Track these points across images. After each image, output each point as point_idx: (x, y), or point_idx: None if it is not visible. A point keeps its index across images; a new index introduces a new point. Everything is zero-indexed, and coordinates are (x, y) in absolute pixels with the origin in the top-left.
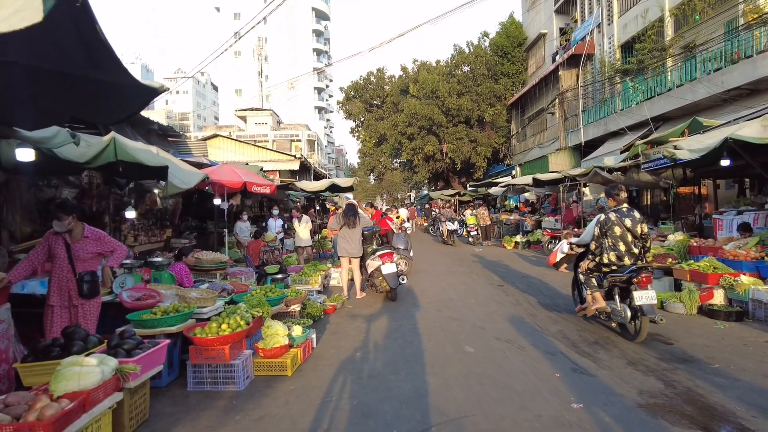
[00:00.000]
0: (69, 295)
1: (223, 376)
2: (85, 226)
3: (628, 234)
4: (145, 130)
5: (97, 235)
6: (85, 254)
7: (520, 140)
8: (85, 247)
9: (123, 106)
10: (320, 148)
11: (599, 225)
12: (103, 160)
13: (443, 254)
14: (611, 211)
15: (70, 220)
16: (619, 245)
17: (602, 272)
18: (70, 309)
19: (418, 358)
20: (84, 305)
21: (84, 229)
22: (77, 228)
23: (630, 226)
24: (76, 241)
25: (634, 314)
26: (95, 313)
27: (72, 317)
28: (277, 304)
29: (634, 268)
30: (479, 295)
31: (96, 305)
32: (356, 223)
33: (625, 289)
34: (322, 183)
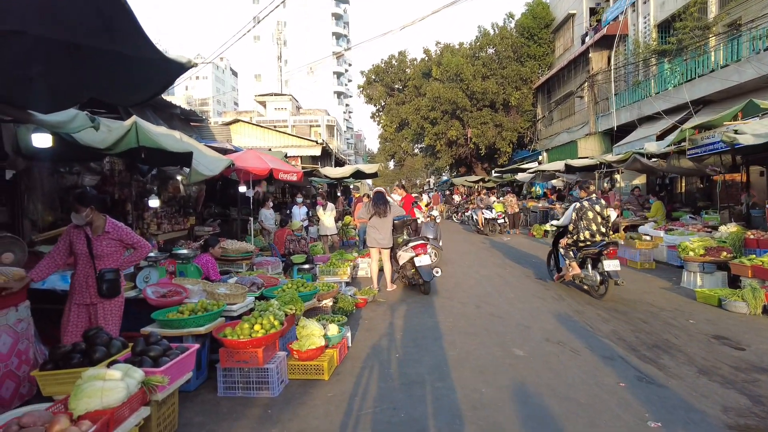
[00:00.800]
0: (89, 293)
1: (256, 381)
2: (107, 219)
3: (598, 217)
4: (168, 115)
5: (118, 230)
6: (107, 250)
7: (546, 125)
8: (108, 242)
9: (146, 84)
10: (339, 133)
11: (576, 211)
12: (125, 145)
13: (471, 243)
14: (584, 200)
15: (88, 212)
16: (591, 226)
17: (578, 247)
18: (89, 308)
19: (464, 361)
20: (105, 305)
21: (106, 223)
22: (98, 220)
23: (599, 211)
24: (98, 235)
25: (602, 279)
26: (117, 313)
27: (92, 317)
28: (309, 299)
29: (604, 243)
30: (517, 289)
31: (118, 305)
32: (387, 212)
33: (596, 260)
34: (346, 169)
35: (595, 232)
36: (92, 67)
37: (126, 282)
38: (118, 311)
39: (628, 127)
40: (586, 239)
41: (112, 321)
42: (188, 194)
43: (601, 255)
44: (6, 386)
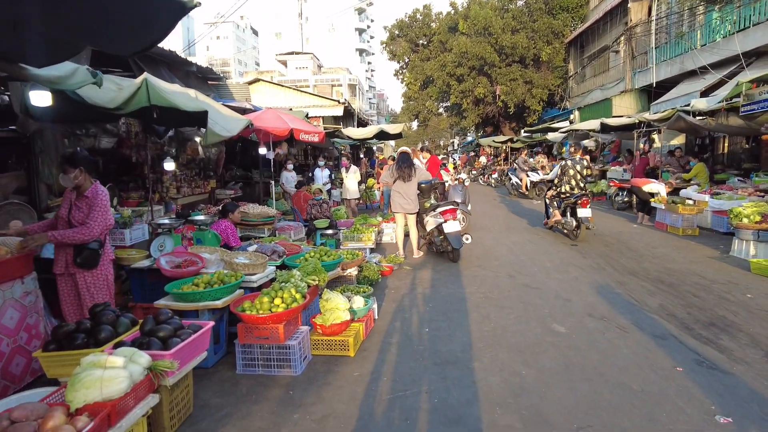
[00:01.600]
0: (67, 261)
1: (278, 358)
2: (95, 184)
3: (577, 174)
4: (184, 73)
5: (95, 198)
6: (79, 216)
7: (578, 82)
8: (82, 207)
9: (145, 28)
10: (361, 93)
11: (561, 168)
12: (136, 104)
13: (499, 207)
14: (568, 159)
15: (77, 174)
16: (571, 181)
17: (560, 198)
18: (72, 279)
19: (500, 338)
20: (85, 276)
21: (90, 187)
22: (86, 184)
23: (579, 170)
24: (78, 199)
25: (577, 224)
26: (101, 285)
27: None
28: (333, 268)
29: (579, 195)
30: (553, 257)
31: (100, 277)
32: (412, 176)
33: (573, 209)
34: (369, 130)
35: (574, 186)
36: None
37: (138, 251)
38: (102, 284)
39: (667, 83)
40: (567, 191)
41: (96, 293)
42: (207, 156)
43: (576, 204)
44: (16, 362)
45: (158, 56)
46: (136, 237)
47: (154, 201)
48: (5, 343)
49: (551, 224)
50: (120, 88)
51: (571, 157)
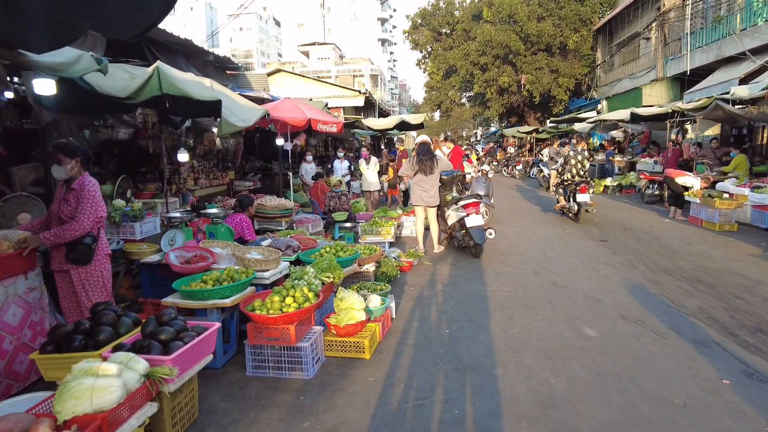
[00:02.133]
0: (60, 258)
1: (288, 360)
2: (83, 175)
3: (578, 164)
4: (201, 62)
5: (82, 190)
6: (67, 209)
7: (606, 70)
8: (70, 201)
9: (143, 8)
10: (383, 83)
11: (564, 158)
12: (147, 93)
13: (523, 199)
14: (571, 150)
15: (73, 165)
16: (572, 170)
17: (564, 185)
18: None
19: (525, 342)
20: (78, 272)
21: (78, 179)
22: (77, 175)
23: (580, 159)
24: (67, 191)
25: (578, 208)
26: (95, 283)
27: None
28: (349, 264)
29: (579, 182)
30: (581, 254)
31: (95, 274)
32: (433, 168)
33: (574, 194)
34: (390, 120)
35: (575, 174)
36: None
37: (149, 245)
38: (97, 280)
39: (701, 71)
40: (569, 179)
41: (91, 290)
42: (226, 148)
43: (576, 190)
44: (20, 360)
45: (174, 45)
46: (147, 230)
47: (170, 193)
48: (8, 340)
49: (558, 209)
50: (132, 77)
51: (573, 148)
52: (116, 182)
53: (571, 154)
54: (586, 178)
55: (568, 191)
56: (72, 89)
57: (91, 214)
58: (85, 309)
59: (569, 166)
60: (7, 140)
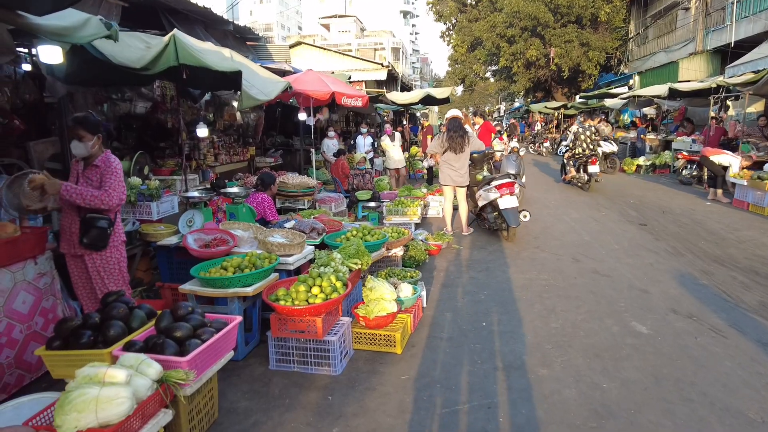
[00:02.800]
0: (73, 242)
1: (315, 354)
2: (106, 152)
3: (588, 139)
4: (221, 32)
5: (107, 166)
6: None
7: (639, 44)
8: (90, 178)
9: None
10: (405, 56)
11: (574, 134)
12: (163, 64)
13: (553, 179)
14: (580, 127)
15: (95, 142)
16: (582, 144)
17: (575, 158)
18: (81, 260)
19: (570, 338)
20: (93, 258)
21: (100, 156)
22: (97, 153)
23: (588, 135)
24: (87, 168)
25: (588, 178)
26: (112, 269)
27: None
28: (377, 249)
29: (589, 155)
30: (621, 238)
31: (111, 261)
32: (464, 146)
33: (584, 166)
34: (414, 94)
35: (585, 148)
36: None
37: (167, 226)
38: (113, 268)
39: (745, 43)
40: (580, 153)
41: (107, 278)
42: (246, 122)
43: (587, 163)
44: (31, 349)
45: (193, 14)
46: (164, 210)
47: (190, 169)
48: (18, 329)
49: (568, 179)
50: (148, 47)
51: (582, 125)
52: (133, 158)
53: (580, 131)
54: (595, 152)
55: (578, 163)
56: (86, 60)
57: (118, 190)
58: (101, 296)
59: (579, 142)
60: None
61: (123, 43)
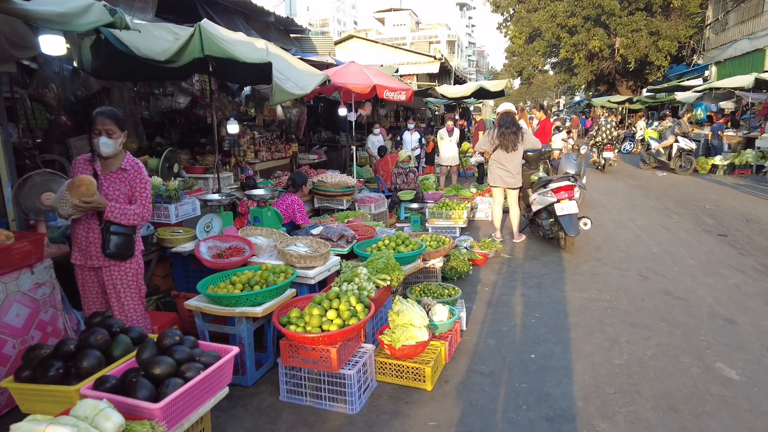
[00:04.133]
0: (90, 252)
1: (330, 388)
2: (127, 153)
3: (607, 130)
4: (263, 24)
5: (138, 171)
6: (117, 193)
7: (717, 31)
8: (117, 182)
9: None
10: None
11: (597, 125)
12: (189, 56)
13: (616, 179)
14: (602, 119)
15: (123, 138)
16: (602, 134)
17: (597, 145)
18: (97, 272)
19: (638, 381)
20: (111, 269)
21: (125, 158)
22: (119, 154)
23: (608, 127)
24: (110, 172)
25: (604, 162)
26: (131, 282)
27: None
28: (411, 261)
29: (605, 143)
30: (697, 252)
31: (132, 271)
32: (517, 144)
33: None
34: (466, 87)
35: (604, 137)
36: None
37: (186, 230)
38: (131, 280)
39: None
40: (599, 141)
41: (123, 291)
42: (288, 118)
43: (604, 149)
44: None
45: (232, 4)
46: (184, 213)
47: (230, 166)
48: (10, 344)
49: (592, 162)
50: (177, 38)
51: (607, 119)
52: (162, 155)
53: (602, 123)
54: (612, 141)
55: (600, 149)
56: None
57: (150, 201)
58: (116, 311)
59: (601, 132)
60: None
61: (149, 35)
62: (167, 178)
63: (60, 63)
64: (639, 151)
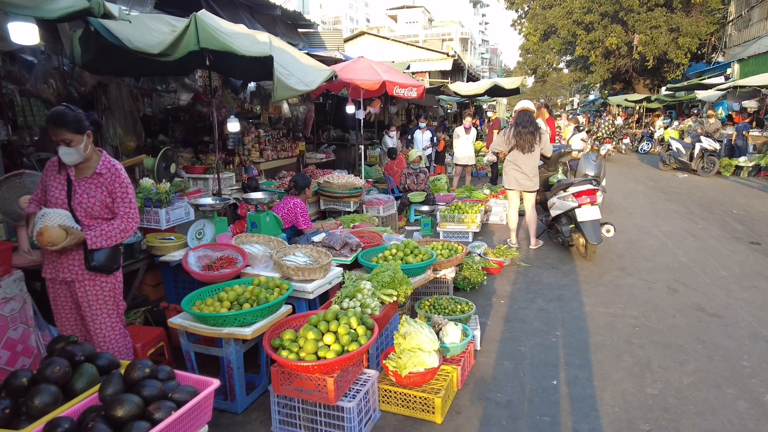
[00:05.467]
0: (63, 265)
1: (326, 421)
2: (103, 154)
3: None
4: (269, 18)
5: (114, 175)
6: (92, 201)
7: (740, 28)
8: (92, 189)
9: None
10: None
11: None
12: (184, 49)
13: (637, 180)
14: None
15: (86, 143)
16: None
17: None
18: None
19: (676, 416)
20: (85, 285)
21: (101, 160)
22: (92, 156)
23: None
24: (84, 177)
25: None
26: (107, 297)
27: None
28: (420, 273)
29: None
30: (729, 262)
31: (109, 285)
32: (534, 145)
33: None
34: (480, 84)
35: (604, 133)
36: None
37: (178, 236)
38: (107, 296)
39: None
40: (600, 135)
41: (98, 308)
42: (295, 116)
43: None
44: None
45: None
46: (177, 217)
47: (232, 166)
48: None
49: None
50: (174, 30)
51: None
52: (158, 155)
53: (602, 120)
54: (610, 135)
55: (600, 143)
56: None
57: (135, 209)
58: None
59: (602, 127)
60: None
61: (143, 26)
62: (164, 178)
63: (59, 58)
64: (658, 151)
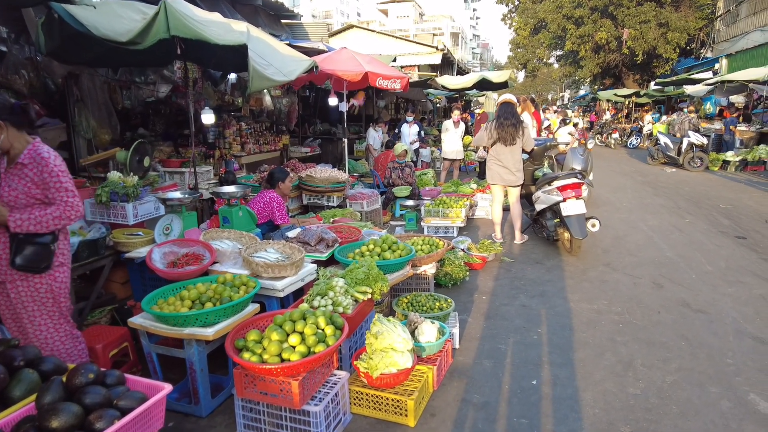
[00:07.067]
0: None
1: (292, 426)
2: (33, 143)
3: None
4: (251, 9)
5: (41, 164)
6: (15, 194)
7: (728, 23)
8: (15, 180)
9: None
10: (464, 42)
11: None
12: (153, 37)
13: (624, 175)
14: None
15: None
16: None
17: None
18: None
19: (658, 417)
20: (17, 284)
21: (26, 150)
22: (16, 145)
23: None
24: (10, 168)
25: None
26: (46, 298)
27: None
28: (399, 269)
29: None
30: (715, 256)
31: (45, 287)
32: (516, 138)
33: None
34: (468, 78)
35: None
36: None
37: (147, 231)
38: (45, 296)
39: None
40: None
41: (36, 309)
42: (279, 109)
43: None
44: None
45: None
46: (146, 212)
47: (212, 159)
48: None
49: None
50: (145, 17)
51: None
52: (131, 147)
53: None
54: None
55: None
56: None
57: (74, 195)
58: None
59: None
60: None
61: (111, 13)
62: (137, 172)
63: (31, 48)
64: (647, 146)
